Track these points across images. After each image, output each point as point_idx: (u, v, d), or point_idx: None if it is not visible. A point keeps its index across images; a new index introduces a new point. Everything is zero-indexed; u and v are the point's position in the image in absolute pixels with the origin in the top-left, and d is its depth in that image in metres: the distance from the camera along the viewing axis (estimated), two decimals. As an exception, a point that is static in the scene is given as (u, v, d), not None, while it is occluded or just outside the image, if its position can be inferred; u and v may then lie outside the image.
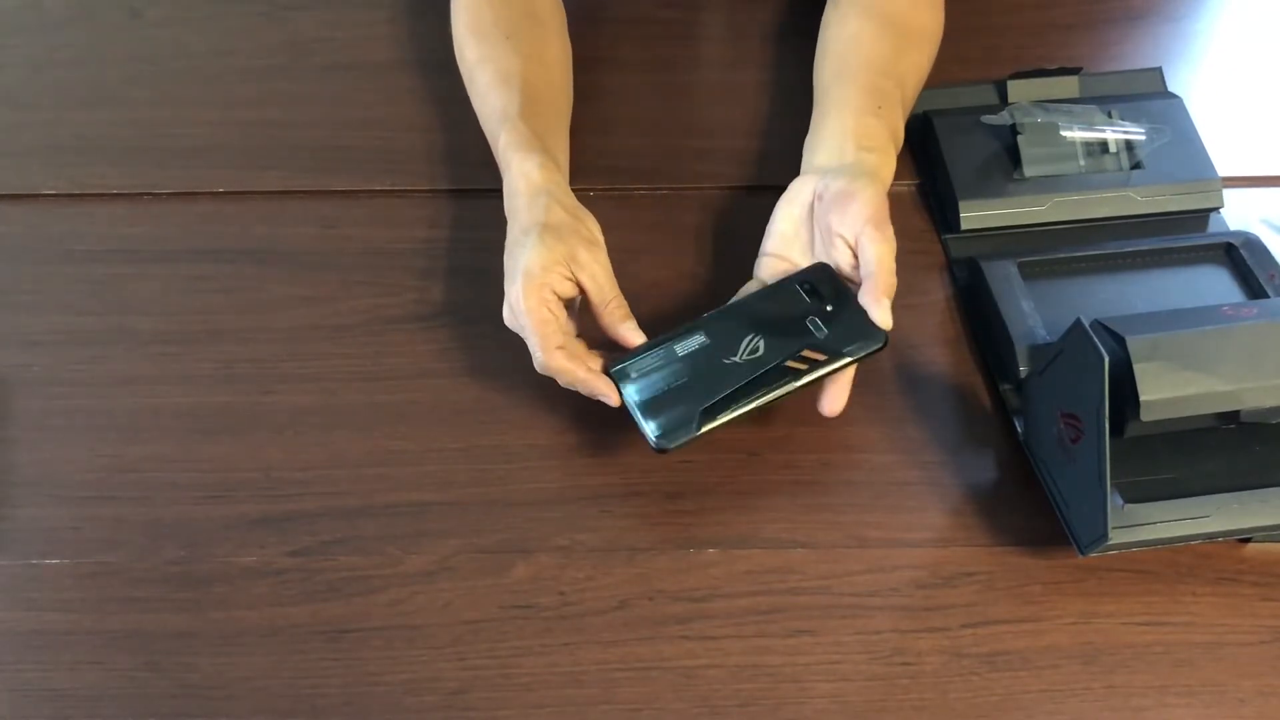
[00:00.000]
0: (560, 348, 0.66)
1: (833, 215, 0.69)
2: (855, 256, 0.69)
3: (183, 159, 0.84)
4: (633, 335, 0.68)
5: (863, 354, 0.66)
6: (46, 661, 0.63)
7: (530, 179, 0.72)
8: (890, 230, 0.69)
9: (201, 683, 0.62)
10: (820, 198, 0.71)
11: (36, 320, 0.76)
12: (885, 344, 0.67)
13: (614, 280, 0.69)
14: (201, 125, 0.86)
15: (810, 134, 0.76)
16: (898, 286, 0.68)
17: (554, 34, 0.83)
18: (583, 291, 0.68)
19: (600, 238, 0.70)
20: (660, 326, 0.69)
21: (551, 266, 0.67)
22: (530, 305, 0.66)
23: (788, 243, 0.72)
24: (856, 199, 0.69)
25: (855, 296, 0.68)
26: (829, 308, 0.68)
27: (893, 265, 0.68)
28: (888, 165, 0.74)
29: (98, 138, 0.85)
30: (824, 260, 0.70)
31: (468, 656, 0.63)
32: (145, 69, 0.90)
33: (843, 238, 0.69)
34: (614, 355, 0.67)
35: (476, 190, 0.82)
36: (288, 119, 0.87)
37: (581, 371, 0.66)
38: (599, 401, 0.68)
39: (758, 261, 0.72)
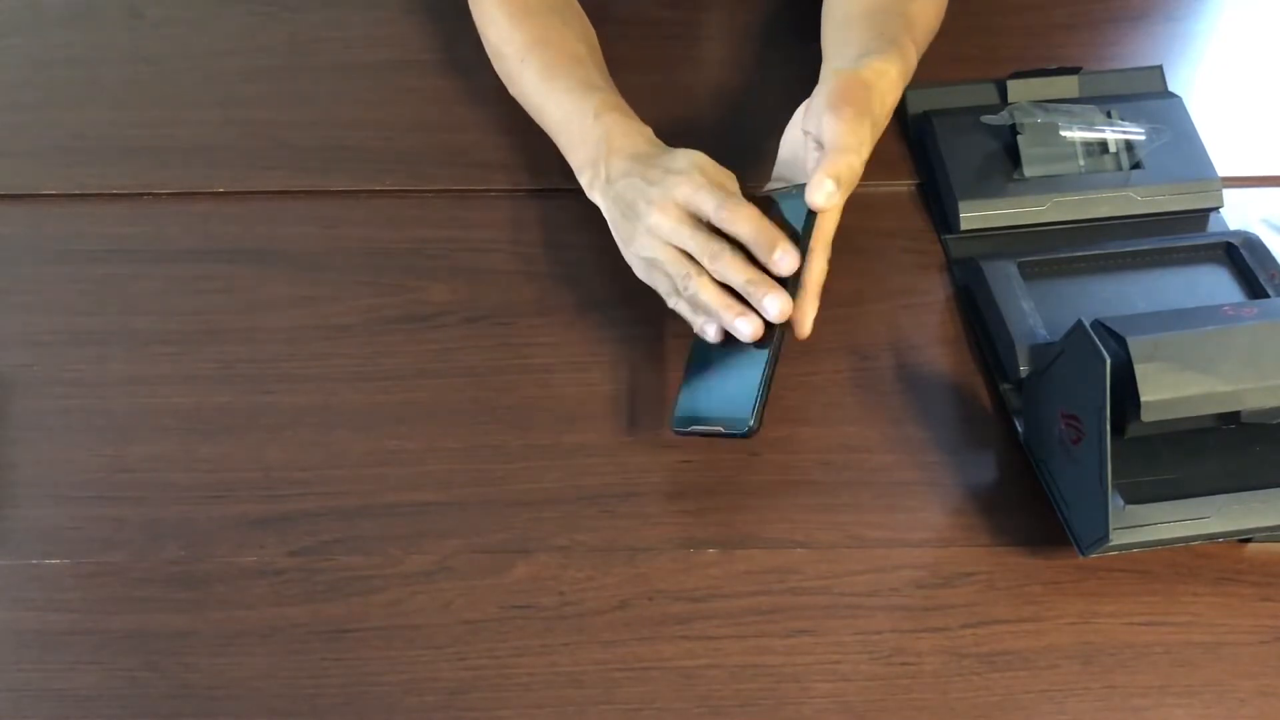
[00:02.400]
0: None
1: (808, 117, 0.69)
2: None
3: (183, 159, 0.84)
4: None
5: (806, 216, 0.66)
6: (46, 661, 0.62)
7: (646, 135, 0.73)
8: (851, 110, 0.66)
9: (201, 683, 0.62)
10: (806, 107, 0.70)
11: (36, 320, 0.76)
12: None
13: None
14: (201, 125, 0.86)
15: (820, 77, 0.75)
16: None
17: (583, 13, 0.84)
18: None
19: None
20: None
21: (708, 165, 0.68)
22: (703, 182, 0.66)
23: (792, 170, 0.71)
24: (821, 91, 0.68)
25: (780, 193, 0.68)
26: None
27: (852, 143, 0.65)
28: (882, 67, 0.70)
29: (98, 138, 0.85)
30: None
31: (467, 656, 0.63)
32: (145, 69, 0.90)
33: (810, 134, 0.68)
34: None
35: (477, 190, 0.82)
36: (288, 119, 0.87)
37: (769, 226, 0.65)
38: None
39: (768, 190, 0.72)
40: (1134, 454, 0.64)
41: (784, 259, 0.64)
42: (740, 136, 0.85)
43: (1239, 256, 0.75)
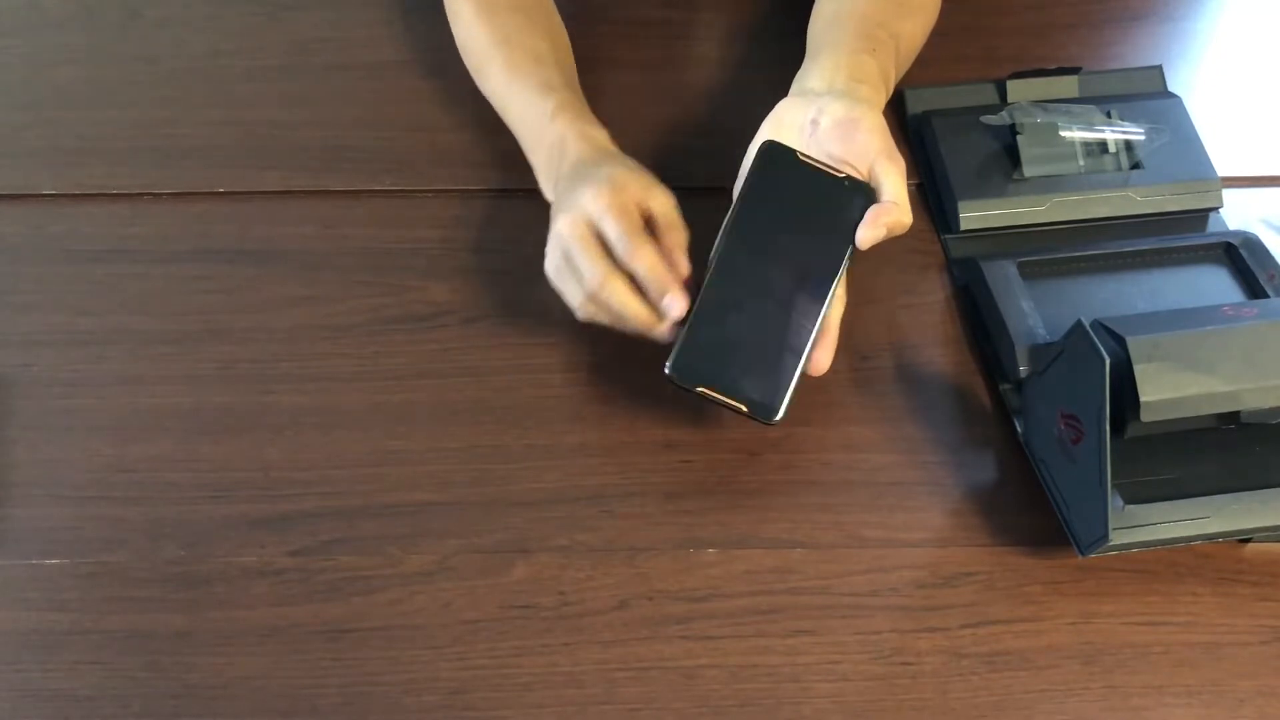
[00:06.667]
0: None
1: (836, 144, 0.69)
2: None
3: (183, 159, 0.84)
4: (682, 265, 0.67)
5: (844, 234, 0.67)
6: (46, 661, 0.63)
7: (596, 141, 0.73)
8: (901, 161, 0.68)
9: (201, 683, 0.62)
10: (815, 123, 0.70)
11: (36, 320, 0.76)
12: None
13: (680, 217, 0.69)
14: (201, 125, 0.86)
15: (801, 70, 0.75)
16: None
17: (553, 8, 0.84)
18: (649, 222, 0.68)
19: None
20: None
21: (630, 183, 0.68)
22: (613, 203, 0.66)
23: None
24: (862, 127, 0.68)
25: (822, 172, 0.68)
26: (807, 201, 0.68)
27: (906, 199, 0.68)
28: (880, 100, 0.73)
29: (98, 138, 0.85)
30: None
31: (468, 656, 0.63)
32: (145, 69, 0.90)
33: (852, 166, 0.69)
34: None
35: (476, 190, 0.82)
36: (288, 119, 0.87)
37: (664, 269, 0.65)
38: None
39: (738, 185, 0.71)
40: (1134, 454, 0.64)
41: (673, 305, 0.65)
42: (739, 136, 0.85)
43: (1239, 256, 0.75)
